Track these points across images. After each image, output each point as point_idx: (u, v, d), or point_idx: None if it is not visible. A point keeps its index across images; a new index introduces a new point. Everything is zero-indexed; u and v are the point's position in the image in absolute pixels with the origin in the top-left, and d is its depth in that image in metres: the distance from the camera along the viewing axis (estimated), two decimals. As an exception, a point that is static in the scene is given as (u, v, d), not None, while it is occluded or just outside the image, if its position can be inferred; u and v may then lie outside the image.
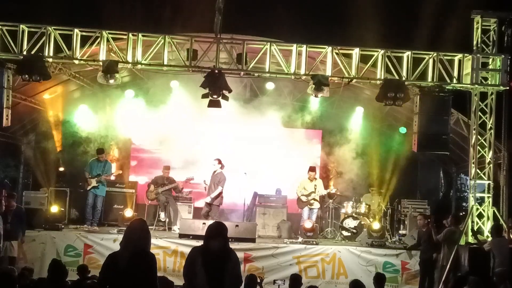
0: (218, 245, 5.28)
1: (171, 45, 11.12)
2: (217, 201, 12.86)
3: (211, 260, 5.25)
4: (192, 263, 5.36)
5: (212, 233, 5.35)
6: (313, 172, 13.36)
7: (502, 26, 11.23)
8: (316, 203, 13.26)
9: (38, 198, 13.32)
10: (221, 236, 5.33)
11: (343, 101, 15.01)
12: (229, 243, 5.47)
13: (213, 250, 5.26)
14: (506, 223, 10.95)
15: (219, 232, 5.36)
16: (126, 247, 5.14)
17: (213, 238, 5.31)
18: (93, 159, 13.68)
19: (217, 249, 5.27)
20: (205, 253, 5.28)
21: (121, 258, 5.09)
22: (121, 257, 5.10)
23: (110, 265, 5.13)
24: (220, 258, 5.28)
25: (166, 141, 15.42)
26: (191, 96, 13.42)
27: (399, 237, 13.46)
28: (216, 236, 5.31)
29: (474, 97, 11.49)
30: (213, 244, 5.28)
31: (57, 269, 6.88)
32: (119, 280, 5.00)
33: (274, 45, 11.20)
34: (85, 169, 13.61)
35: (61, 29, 11.10)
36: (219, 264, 5.24)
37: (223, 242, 5.34)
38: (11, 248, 10.41)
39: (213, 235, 5.33)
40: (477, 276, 7.78)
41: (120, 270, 5.00)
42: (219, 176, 12.95)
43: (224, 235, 5.37)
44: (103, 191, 13.52)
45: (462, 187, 17.55)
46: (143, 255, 5.12)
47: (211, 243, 5.29)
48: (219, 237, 5.32)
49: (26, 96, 13.36)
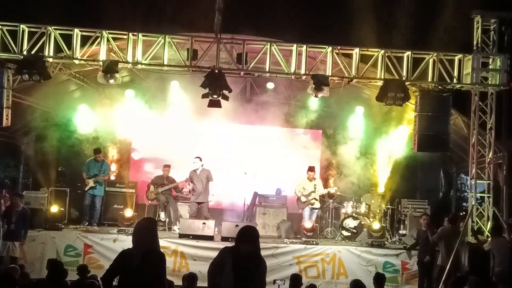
0: (250, 249, 5.25)
1: (171, 45, 11.12)
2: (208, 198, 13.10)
3: (242, 263, 5.21)
4: (220, 263, 5.33)
5: (245, 237, 5.32)
6: (312, 172, 13.37)
7: (502, 26, 11.22)
8: (317, 203, 13.28)
9: (38, 198, 13.32)
10: (254, 241, 5.30)
11: (343, 101, 15.00)
12: (260, 250, 5.41)
13: (244, 253, 5.23)
14: (506, 223, 10.95)
15: (252, 237, 5.33)
16: (138, 246, 5.27)
17: (246, 241, 5.28)
18: (90, 159, 13.67)
19: (248, 253, 5.23)
20: (236, 255, 5.24)
21: (134, 256, 5.21)
22: (134, 255, 5.22)
23: (122, 261, 5.27)
24: (251, 263, 5.24)
25: (166, 141, 15.42)
26: (191, 96, 13.43)
27: (399, 237, 13.47)
28: (248, 240, 5.29)
29: (474, 97, 11.48)
30: (245, 248, 5.24)
31: (56, 268, 6.88)
32: (131, 277, 5.12)
33: (274, 45, 11.20)
34: (82, 169, 13.60)
35: (61, 29, 11.10)
36: (249, 269, 5.21)
37: (255, 248, 5.30)
38: (13, 248, 10.42)
39: (246, 239, 5.30)
40: (477, 276, 7.78)
41: (133, 268, 5.13)
42: (206, 172, 13.01)
43: (256, 241, 5.32)
44: (101, 191, 13.52)
45: (462, 187, 17.56)
46: (154, 254, 5.28)
47: (243, 246, 5.26)
48: (252, 241, 5.29)
49: (26, 96, 13.35)
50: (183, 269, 11.12)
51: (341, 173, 15.06)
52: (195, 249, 11.33)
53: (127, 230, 11.98)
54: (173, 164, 14.53)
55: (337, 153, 15.11)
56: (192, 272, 8.73)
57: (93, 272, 9.15)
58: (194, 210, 13.00)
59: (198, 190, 12.98)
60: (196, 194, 13.03)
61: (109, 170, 13.80)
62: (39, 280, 7.57)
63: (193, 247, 11.36)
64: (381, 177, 15.03)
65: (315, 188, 13.14)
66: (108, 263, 11.18)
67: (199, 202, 13.03)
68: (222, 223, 12.14)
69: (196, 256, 11.25)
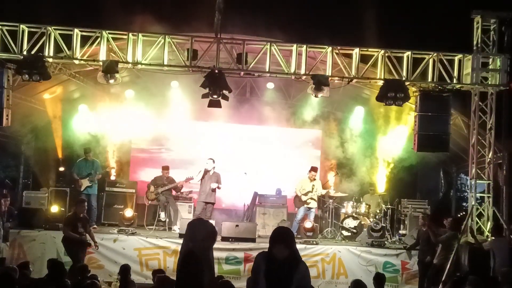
0: (283, 252, 4.75)
1: (171, 45, 11.13)
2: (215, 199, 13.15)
3: (275, 268, 4.74)
4: (255, 270, 4.92)
5: (278, 239, 4.84)
6: (314, 172, 13.32)
7: (502, 26, 11.23)
8: (313, 202, 13.21)
9: (38, 198, 13.31)
10: (289, 243, 4.83)
11: (343, 101, 15.01)
12: (298, 252, 4.93)
13: (277, 257, 4.76)
14: (506, 223, 10.96)
15: (286, 238, 4.86)
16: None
17: (279, 244, 4.79)
18: (80, 159, 13.59)
19: (282, 257, 4.75)
20: (269, 261, 4.79)
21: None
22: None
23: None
24: (286, 268, 4.74)
25: (166, 141, 15.43)
26: (191, 96, 13.44)
27: (399, 237, 13.46)
28: (282, 242, 4.81)
29: (474, 97, 11.49)
30: (278, 251, 4.77)
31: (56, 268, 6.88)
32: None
33: (274, 45, 11.21)
34: (72, 171, 13.52)
35: (61, 29, 11.11)
36: (283, 275, 4.72)
37: (289, 250, 4.79)
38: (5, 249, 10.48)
39: (279, 241, 4.82)
40: (477, 276, 7.78)
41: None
42: (217, 176, 12.99)
43: (291, 243, 4.86)
44: (95, 190, 13.48)
45: (462, 187, 17.56)
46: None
47: (276, 249, 4.78)
48: (283, 243, 4.80)
49: (26, 96, 13.36)
50: (250, 276, 11.09)
51: (341, 173, 15.06)
52: (195, 249, 11.32)
53: (127, 230, 11.99)
54: (173, 164, 14.53)
55: (337, 153, 15.11)
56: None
57: (93, 272, 9.15)
58: (200, 210, 12.97)
59: (206, 190, 12.95)
60: (203, 194, 13.02)
61: (101, 169, 13.75)
62: (39, 279, 7.56)
63: (193, 247, 11.35)
64: (381, 177, 15.04)
65: (313, 188, 13.12)
66: (108, 263, 11.33)
67: (206, 202, 13.00)
68: (222, 223, 12.13)
69: (196, 256, 11.24)
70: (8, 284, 6.06)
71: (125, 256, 11.16)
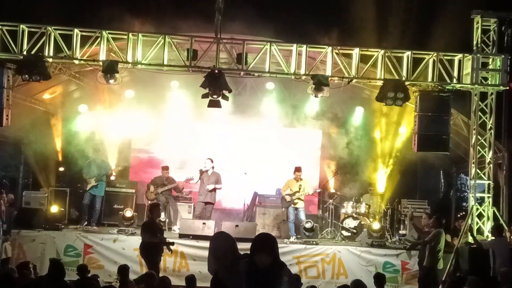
0: (266, 260, 4.32)
1: (171, 45, 11.12)
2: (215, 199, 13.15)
3: (258, 278, 4.33)
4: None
5: (258, 247, 4.41)
6: (299, 172, 13.27)
7: (502, 26, 11.23)
8: (300, 202, 13.10)
9: (38, 198, 13.33)
10: (268, 251, 4.37)
11: (343, 101, 15.00)
12: (279, 257, 4.47)
13: (259, 266, 4.34)
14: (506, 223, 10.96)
15: (264, 246, 4.40)
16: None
17: (259, 252, 4.36)
18: (89, 160, 13.66)
19: (264, 266, 4.32)
20: (251, 270, 4.37)
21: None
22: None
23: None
24: (270, 275, 4.33)
25: (166, 141, 15.42)
26: (191, 96, 13.43)
27: (399, 237, 13.46)
28: (262, 250, 4.36)
29: (474, 97, 11.49)
30: (260, 260, 4.33)
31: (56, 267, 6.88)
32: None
33: (274, 45, 11.20)
34: (82, 171, 13.57)
35: (61, 29, 11.10)
36: (268, 282, 4.31)
37: (271, 257, 4.35)
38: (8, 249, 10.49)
39: (259, 248, 4.39)
40: (477, 276, 7.77)
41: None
42: (216, 175, 12.99)
43: (271, 250, 4.39)
44: (101, 191, 13.50)
45: (462, 187, 17.55)
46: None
47: (257, 257, 4.35)
48: (264, 251, 4.36)
49: (26, 96, 13.35)
50: (183, 269, 11.14)
51: (340, 173, 15.06)
52: (195, 249, 11.33)
53: (127, 230, 12.00)
54: (173, 164, 14.52)
55: (337, 153, 15.10)
56: (191, 274, 8.65)
57: (93, 272, 9.16)
58: (199, 210, 12.98)
59: (205, 191, 12.95)
60: (203, 194, 13.02)
61: (110, 169, 13.80)
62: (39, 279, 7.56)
63: (193, 247, 11.36)
64: (381, 177, 15.04)
65: (300, 188, 13.08)
66: (108, 263, 11.34)
67: (206, 202, 13.00)
68: (222, 223, 12.14)
69: (196, 256, 11.26)
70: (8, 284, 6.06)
71: (125, 256, 11.16)
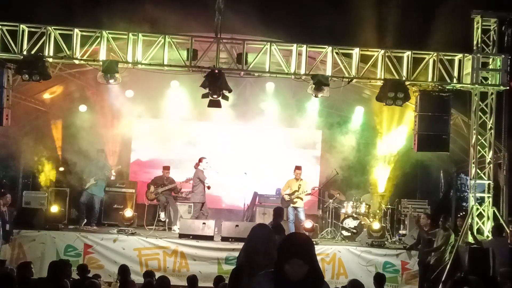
0: (301, 270, 3.34)
1: (171, 45, 11.12)
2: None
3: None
4: None
5: (292, 251, 3.36)
6: (299, 170, 13.27)
7: (502, 26, 11.24)
8: (300, 202, 13.10)
9: (38, 198, 13.33)
10: (306, 257, 3.36)
11: (343, 101, 15.00)
12: (320, 269, 3.48)
13: (291, 278, 3.35)
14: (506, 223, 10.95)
15: (301, 250, 3.36)
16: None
17: (294, 258, 3.33)
18: (88, 160, 13.63)
19: (298, 278, 3.33)
20: (280, 284, 3.38)
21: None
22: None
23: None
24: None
25: (166, 141, 15.42)
26: (191, 96, 13.43)
27: (399, 237, 13.46)
28: (298, 256, 3.34)
29: (474, 97, 11.49)
30: (293, 269, 3.33)
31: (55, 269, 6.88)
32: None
33: (274, 45, 11.20)
34: (82, 171, 13.55)
35: (61, 29, 11.10)
36: None
37: (309, 266, 3.35)
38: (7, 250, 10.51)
39: (294, 254, 3.34)
40: (477, 276, 7.77)
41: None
42: (197, 174, 13.10)
43: (309, 256, 3.38)
44: (101, 192, 13.50)
45: (462, 187, 17.56)
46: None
47: (290, 266, 3.34)
48: (302, 258, 3.35)
49: (26, 96, 13.35)
50: (183, 269, 11.13)
51: (341, 173, 15.05)
52: (195, 249, 11.32)
53: (127, 230, 12.00)
54: (173, 164, 14.52)
55: (337, 153, 15.09)
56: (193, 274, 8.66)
57: (93, 271, 9.15)
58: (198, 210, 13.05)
59: (201, 189, 13.00)
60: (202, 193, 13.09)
61: (110, 170, 13.80)
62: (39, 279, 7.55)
63: (193, 247, 11.36)
64: (381, 177, 15.04)
65: (299, 187, 13.08)
66: (108, 263, 11.33)
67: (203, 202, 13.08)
68: (222, 223, 12.13)
69: (196, 256, 11.25)
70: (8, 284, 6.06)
71: (125, 256, 11.16)
